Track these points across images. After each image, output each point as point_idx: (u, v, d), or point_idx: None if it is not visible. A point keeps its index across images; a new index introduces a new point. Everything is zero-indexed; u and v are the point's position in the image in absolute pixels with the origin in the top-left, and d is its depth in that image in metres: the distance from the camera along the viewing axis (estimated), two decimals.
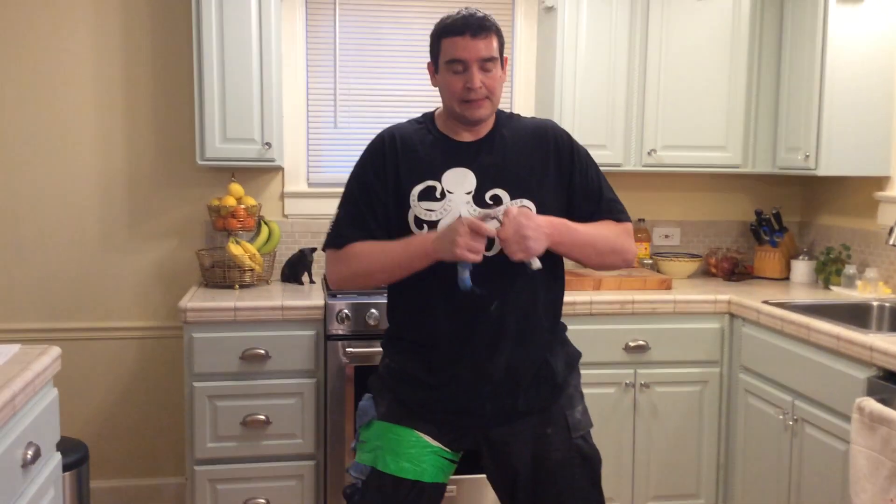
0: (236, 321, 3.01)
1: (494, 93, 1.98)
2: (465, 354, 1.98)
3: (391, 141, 2.05)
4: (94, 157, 3.51)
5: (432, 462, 2.00)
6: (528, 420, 2.03)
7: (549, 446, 2.03)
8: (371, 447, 2.02)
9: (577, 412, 2.10)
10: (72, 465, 2.67)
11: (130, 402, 3.61)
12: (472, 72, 1.94)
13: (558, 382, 2.07)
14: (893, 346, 2.39)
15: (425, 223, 1.98)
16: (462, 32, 1.94)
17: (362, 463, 2.03)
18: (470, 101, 1.96)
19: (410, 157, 2.02)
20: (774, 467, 2.98)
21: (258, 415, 3.02)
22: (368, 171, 2.04)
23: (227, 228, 3.38)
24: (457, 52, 1.95)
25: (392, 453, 1.98)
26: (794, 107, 3.46)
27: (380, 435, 2.02)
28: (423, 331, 2.02)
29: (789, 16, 3.49)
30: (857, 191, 3.59)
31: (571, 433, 2.06)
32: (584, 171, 2.08)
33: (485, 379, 1.99)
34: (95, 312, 3.56)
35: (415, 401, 2.03)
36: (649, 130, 3.52)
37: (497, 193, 1.99)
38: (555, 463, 2.03)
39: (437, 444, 2.01)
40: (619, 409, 3.26)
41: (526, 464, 2.03)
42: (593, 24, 3.45)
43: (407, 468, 1.97)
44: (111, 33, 3.47)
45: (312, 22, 3.63)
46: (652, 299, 3.26)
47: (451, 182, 1.99)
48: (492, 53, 1.96)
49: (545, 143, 2.06)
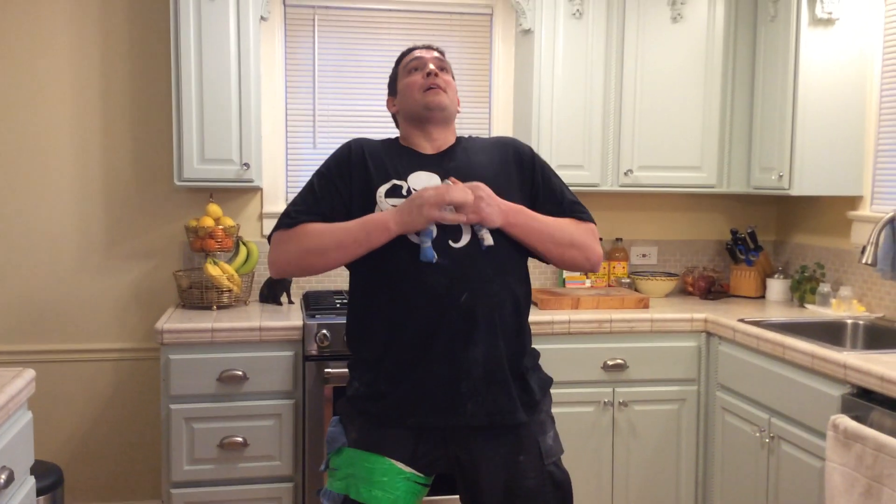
0: (214, 342, 2.99)
1: (449, 91, 2.13)
2: (438, 348, 1.94)
3: (357, 147, 2.11)
4: (70, 178, 3.49)
5: (405, 488, 1.99)
6: (501, 445, 2.01)
7: (522, 473, 2.02)
8: (343, 475, 2.00)
9: (549, 438, 2.09)
10: (46, 489, 2.64)
11: (106, 425, 3.57)
12: (426, 62, 2.13)
13: (536, 399, 2.07)
14: (867, 364, 2.41)
15: None
16: (416, 49, 2.20)
17: (335, 491, 2.00)
18: (430, 89, 2.08)
19: (376, 160, 2.07)
20: (752, 484, 3.00)
21: (236, 437, 3.00)
22: (331, 169, 2.09)
23: (204, 249, 3.37)
24: (413, 58, 2.16)
25: (365, 482, 1.97)
26: (767, 127, 3.51)
27: (351, 463, 2.00)
28: (394, 331, 1.97)
29: (762, 37, 3.55)
30: (830, 210, 3.64)
31: (544, 460, 2.05)
32: (545, 176, 2.16)
33: (462, 374, 1.95)
34: (71, 334, 3.53)
35: (389, 417, 1.99)
36: (625, 151, 3.56)
37: None
38: (527, 490, 2.02)
39: (409, 471, 1.99)
40: (597, 427, 3.27)
41: (498, 491, 2.01)
42: (570, 46, 3.49)
43: (379, 496, 1.96)
44: (89, 53, 3.46)
45: (291, 43, 3.65)
46: (629, 318, 3.28)
47: (416, 182, 2.04)
48: (444, 64, 2.17)
49: (506, 151, 2.16)
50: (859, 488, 2.28)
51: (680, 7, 3.53)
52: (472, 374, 1.96)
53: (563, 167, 3.49)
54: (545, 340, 3.20)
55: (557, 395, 3.20)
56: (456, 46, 3.76)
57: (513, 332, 2.04)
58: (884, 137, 3.34)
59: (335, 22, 3.66)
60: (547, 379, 2.17)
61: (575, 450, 3.24)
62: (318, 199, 2.05)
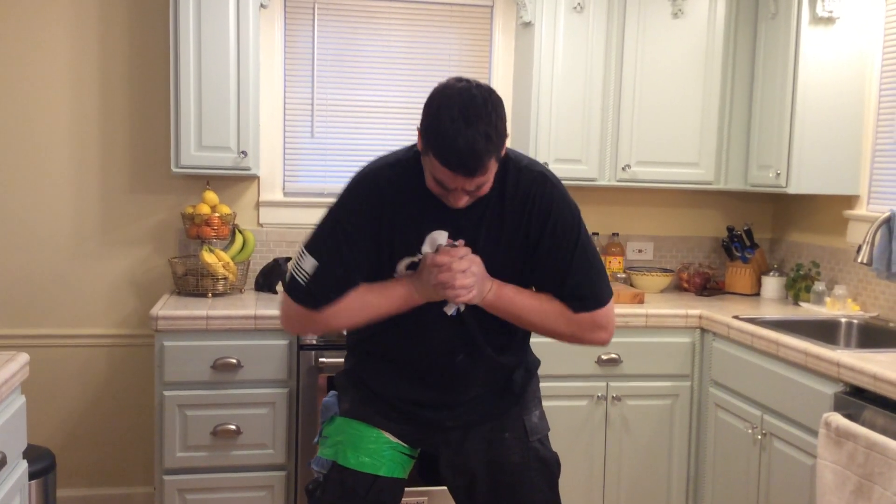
0: (208, 330, 2.99)
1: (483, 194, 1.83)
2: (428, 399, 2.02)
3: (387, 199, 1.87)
4: (67, 163, 3.48)
5: (391, 457, 2.02)
6: (486, 425, 2.07)
7: (507, 450, 2.06)
8: (333, 442, 2.04)
9: (535, 416, 2.12)
10: (38, 474, 2.64)
11: (99, 411, 3.57)
12: (455, 195, 1.80)
13: (515, 392, 2.10)
14: (860, 363, 2.42)
15: None
16: (455, 171, 1.71)
17: (324, 457, 2.04)
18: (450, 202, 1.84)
19: (403, 225, 1.88)
20: (743, 481, 3.01)
21: (229, 424, 3.00)
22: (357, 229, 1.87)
23: (200, 236, 3.36)
24: (446, 180, 1.76)
25: (353, 447, 2.01)
26: (765, 125, 3.51)
27: (342, 430, 2.04)
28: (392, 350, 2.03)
29: (762, 35, 3.55)
30: (827, 209, 3.65)
31: (529, 437, 2.08)
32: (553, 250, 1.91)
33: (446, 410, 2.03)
34: (66, 319, 3.52)
35: (377, 400, 2.04)
36: (624, 146, 3.56)
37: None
38: (513, 466, 2.06)
39: (396, 441, 2.04)
40: (590, 421, 3.27)
41: (483, 468, 2.06)
42: (570, 39, 3.48)
43: (366, 462, 1.99)
44: (87, 39, 3.45)
45: (291, 32, 3.64)
46: (624, 313, 3.28)
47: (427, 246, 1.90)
48: (484, 182, 1.78)
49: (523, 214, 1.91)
50: (850, 486, 2.29)
51: (681, 3, 3.52)
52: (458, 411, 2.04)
53: (560, 161, 3.49)
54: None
55: (551, 389, 3.22)
56: (455, 38, 3.75)
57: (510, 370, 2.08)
58: (882, 137, 3.34)
59: (335, 11, 3.65)
60: (534, 361, 2.18)
61: (568, 443, 3.24)
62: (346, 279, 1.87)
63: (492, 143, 1.72)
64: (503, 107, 1.78)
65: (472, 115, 1.70)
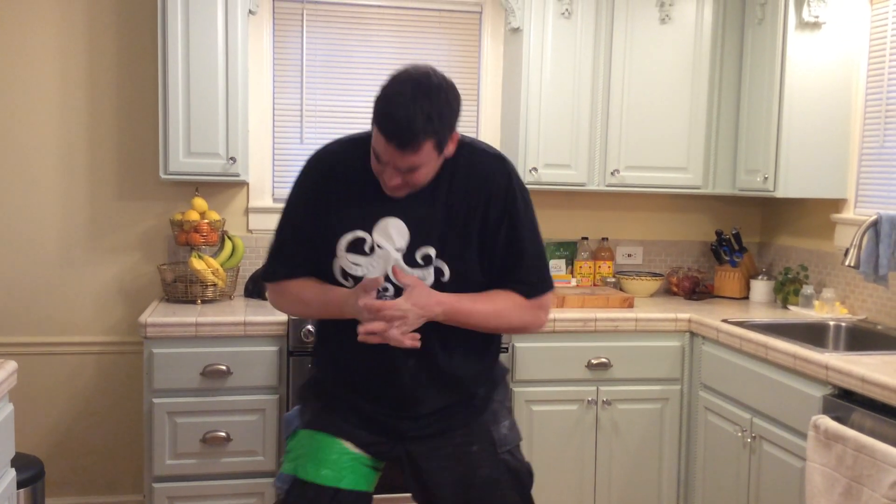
0: (197, 336, 2.98)
1: (418, 185, 1.85)
2: (385, 401, 1.99)
3: (322, 173, 1.95)
4: (55, 170, 3.46)
5: (352, 468, 1.97)
6: (451, 439, 2.02)
7: (475, 464, 2.01)
8: (294, 456, 2.00)
9: (503, 427, 2.07)
10: (27, 482, 2.62)
11: (88, 419, 3.55)
12: (389, 170, 1.81)
13: (477, 404, 2.06)
14: (849, 365, 2.43)
15: (351, 277, 1.92)
16: (389, 140, 1.74)
17: (286, 472, 2.00)
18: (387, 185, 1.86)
19: (345, 199, 1.91)
20: (733, 484, 3.02)
21: (219, 431, 2.99)
22: (298, 205, 1.99)
23: (189, 243, 3.36)
24: (381, 152, 1.79)
25: (313, 461, 1.96)
26: (753, 129, 3.53)
27: (303, 443, 2.01)
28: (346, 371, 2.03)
29: (749, 40, 3.57)
30: (814, 213, 3.67)
31: (497, 448, 2.04)
32: (510, 235, 1.93)
33: (408, 419, 2.00)
34: (54, 327, 3.51)
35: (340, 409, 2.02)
36: (612, 151, 3.57)
37: (428, 253, 1.90)
38: (482, 480, 2.01)
39: (357, 451, 1.99)
40: (581, 425, 3.28)
41: (450, 486, 2.01)
42: (558, 45, 3.49)
43: (326, 475, 1.94)
44: (75, 44, 3.44)
45: (280, 37, 3.64)
46: (614, 317, 3.29)
47: (382, 236, 1.89)
48: (416, 164, 1.78)
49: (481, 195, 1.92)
50: (839, 488, 2.30)
51: (668, 9, 3.54)
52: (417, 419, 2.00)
53: (550, 166, 3.51)
54: (530, 338, 3.21)
55: (541, 394, 3.23)
56: (445, 44, 3.76)
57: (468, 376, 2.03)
58: (868, 141, 3.37)
59: (324, 17, 3.65)
60: (500, 370, 2.14)
61: (558, 448, 3.25)
62: (293, 249, 1.99)
63: (432, 124, 1.74)
64: (459, 102, 1.82)
65: (420, 93, 1.74)
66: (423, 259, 1.90)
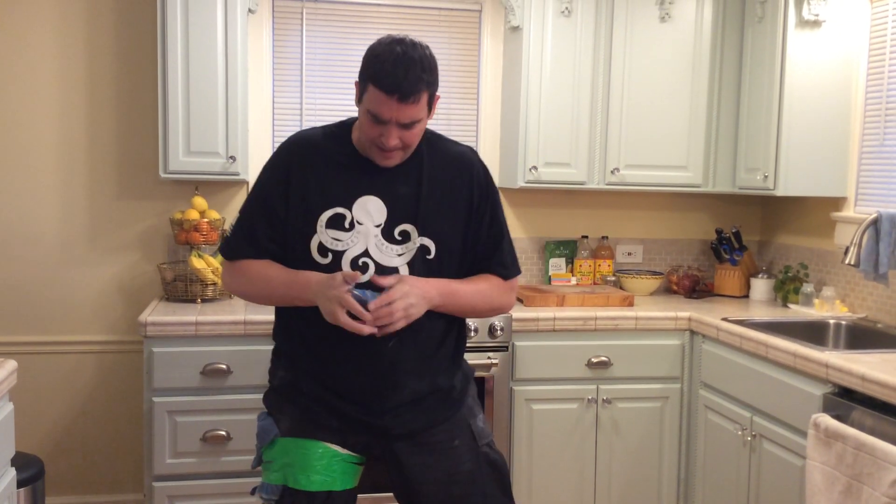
0: (197, 335, 2.98)
1: (412, 145, 1.92)
2: (364, 388, 1.96)
3: (300, 155, 1.97)
4: (55, 169, 3.46)
5: (342, 469, 1.98)
6: (433, 435, 2.02)
7: (458, 459, 2.03)
8: (279, 465, 1.97)
9: (480, 421, 2.10)
10: (27, 481, 2.62)
11: (88, 417, 3.55)
12: (390, 130, 1.85)
13: (455, 398, 2.07)
14: (849, 364, 2.43)
15: (330, 252, 1.92)
16: (390, 93, 1.80)
17: (272, 483, 1.97)
18: (383, 151, 1.89)
19: (320, 177, 1.94)
20: (733, 482, 3.02)
21: (219, 430, 2.99)
22: (271, 185, 1.98)
23: (189, 242, 3.35)
24: (381, 110, 1.83)
25: (302, 469, 1.95)
26: (753, 128, 3.53)
27: (286, 452, 1.98)
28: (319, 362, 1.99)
29: (749, 38, 3.56)
30: (814, 211, 3.67)
31: (478, 441, 2.06)
32: (490, 216, 2.04)
33: (386, 410, 1.97)
34: (54, 326, 3.51)
35: (316, 411, 1.99)
36: (612, 149, 3.57)
37: (406, 229, 1.94)
38: (465, 475, 2.03)
39: (344, 452, 1.99)
40: (581, 424, 3.28)
41: (435, 480, 2.01)
42: (558, 43, 3.49)
43: (318, 481, 1.94)
44: (74, 43, 3.44)
45: (279, 36, 3.63)
46: (614, 316, 3.29)
47: (361, 212, 1.92)
48: (416, 117, 1.85)
49: (460, 178, 2.01)
50: (839, 486, 2.30)
51: (668, 7, 3.53)
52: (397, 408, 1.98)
53: (550, 165, 3.50)
54: (530, 337, 3.21)
55: (541, 392, 3.23)
56: (444, 43, 3.75)
57: (445, 362, 2.05)
58: (868, 139, 3.37)
59: (323, 16, 3.65)
60: (469, 368, 2.16)
61: (558, 446, 3.25)
62: (256, 227, 1.98)
63: (426, 74, 1.83)
64: (436, 64, 1.90)
65: (408, 48, 1.83)
66: (400, 235, 1.95)
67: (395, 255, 1.93)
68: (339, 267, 1.91)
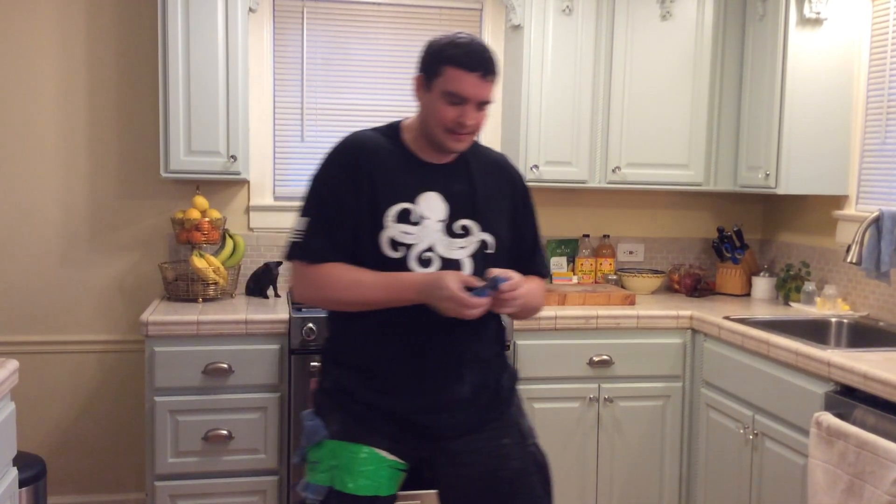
0: (199, 335, 2.98)
1: (479, 129, 1.99)
2: (426, 384, 1.98)
3: (363, 152, 1.98)
4: (56, 169, 3.46)
5: (389, 475, 1.99)
6: (483, 433, 2.04)
7: (507, 457, 2.05)
8: (326, 467, 1.98)
9: (527, 421, 2.14)
10: (29, 481, 2.63)
11: (90, 417, 3.56)
12: (469, 109, 1.92)
13: (504, 396, 2.10)
14: (851, 362, 2.43)
15: (401, 245, 1.95)
16: (474, 70, 1.89)
17: (318, 483, 1.98)
18: (457, 134, 1.94)
19: (384, 173, 1.96)
20: (735, 481, 3.02)
21: (220, 429, 2.99)
22: (339, 180, 1.96)
23: (190, 241, 3.35)
24: (462, 88, 1.89)
25: (349, 472, 1.96)
26: (754, 126, 3.52)
27: (334, 454, 1.98)
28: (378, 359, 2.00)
29: (750, 37, 3.56)
30: (816, 209, 3.66)
31: (526, 440, 2.09)
32: (531, 219, 2.15)
33: (447, 408, 1.99)
34: (55, 325, 3.51)
35: (368, 416, 2.00)
36: (614, 148, 3.57)
37: (466, 224, 2.00)
38: (512, 473, 2.05)
39: (392, 458, 2.00)
40: (582, 423, 3.28)
41: (483, 475, 2.03)
42: (559, 42, 3.49)
43: (364, 485, 1.96)
44: (75, 42, 3.44)
45: (280, 36, 3.63)
46: (616, 314, 3.29)
47: (425, 207, 1.97)
48: (490, 98, 1.95)
49: (505, 180, 2.10)
50: (841, 485, 2.29)
51: (669, 5, 3.53)
52: (456, 405, 2.00)
53: (551, 163, 3.50)
54: (531, 336, 3.20)
55: (543, 391, 3.23)
56: None
57: (497, 358, 2.11)
58: (870, 137, 3.36)
59: (324, 15, 3.65)
60: (514, 370, 2.20)
61: (560, 445, 3.24)
62: (334, 224, 1.95)
63: (496, 60, 1.95)
64: None
65: (474, 38, 1.95)
66: (461, 229, 2.00)
67: (457, 249, 1.98)
68: (409, 261, 1.95)
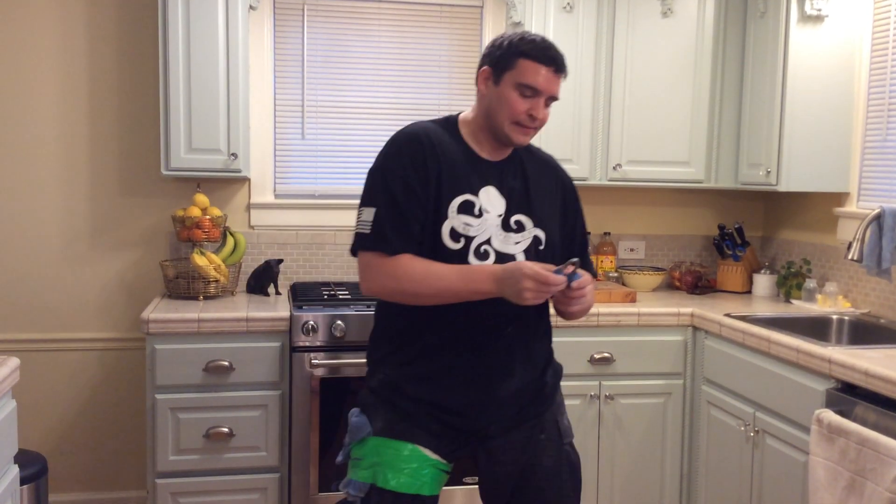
0: (200, 332, 2.98)
1: (544, 123, 2.01)
2: (477, 378, 1.99)
3: (429, 143, 1.96)
4: (56, 167, 3.46)
5: (431, 475, 1.99)
6: (524, 428, 2.06)
7: (541, 452, 2.06)
8: (369, 463, 1.98)
9: (566, 419, 2.16)
10: (30, 479, 2.63)
11: (91, 415, 3.56)
12: (540, 103, 1.96)
13: (547, 393, 2.12)
14: (852, 359, 2.43)
15: (462, 236, 1.95)
16: (549, 64, 1.95)
17: (360, 480, 1.98)
18: (524, 127, 1.97)
19: (449, 164, 1.96)
20: (736, 478, 3.02)
21: (221, 427, 2.99)
22: (408, 171, 1.93)
23: (191, 239, 3.35)
24: (537, 81, 1.93)
25: (392, 469, 1.95)
26: (755, 123, 3.52)
27: (377, 451, 1.98)
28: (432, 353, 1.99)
29: (751, 34, 3.56)
30: (817, 206, 3.66)
31: (563, 439, 2.10)
32: (580, 220, 2.17)
33: (495, 403, 2.00)
34: (57, 323, 3.51)
35: (414, 412, 1.99)
36: (614, 145, 3.56)
37: (521, 220, 2.02)
38: (545, 469, 2.06)
39: (435, 457, 1.99)
40: (583, 420, 3.28)
41: (519, 470, 2.05)
42: (560, 39, 3.46)
43: (407, 483, 1.95)
44: (76, 40, 3.44)
45: (280, 33, 3.63)
46: (617, 312, 3.28)
47: (486, 201, 1.98)
48: (559, 93, 2.00)
49: (555, 179, 2.12)
50: (842, 482, 2.29)
51: (670, 2, 3.53)
52: (504, 401, 2.02)
53: None
54: None
55: None
56: (446, 39, 3.75)
57: (545, 355, 2.13)
58: (871, 134, 3.36)
59: (325, 12, 3.65)
60: (559, 367, 2.20)
61: None
62: (407, 216, 1.92)
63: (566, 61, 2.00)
64: None
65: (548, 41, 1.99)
66: (515, 224, 2.01)
67: (513, 244, 2.00)
68: (469, 253, 1.95)
